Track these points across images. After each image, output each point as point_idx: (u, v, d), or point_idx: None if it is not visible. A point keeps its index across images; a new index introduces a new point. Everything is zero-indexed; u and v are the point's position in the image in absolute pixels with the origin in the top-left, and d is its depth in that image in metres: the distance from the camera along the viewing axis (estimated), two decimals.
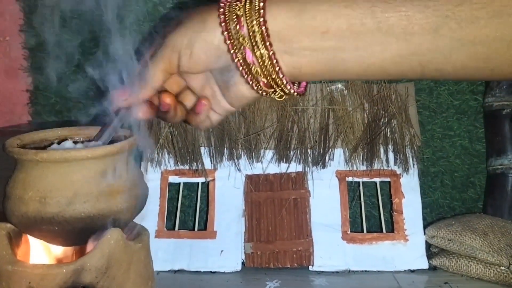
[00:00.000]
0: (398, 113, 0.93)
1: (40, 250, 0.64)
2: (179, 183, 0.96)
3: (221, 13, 0.44)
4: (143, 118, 0.50)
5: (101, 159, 0.59)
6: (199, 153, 0.93)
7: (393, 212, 0.91)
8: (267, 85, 0.45)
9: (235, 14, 0.44)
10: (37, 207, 0.57)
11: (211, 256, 0.89)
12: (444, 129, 0.98)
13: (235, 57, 0.44)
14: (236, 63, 0.45)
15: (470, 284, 0.83)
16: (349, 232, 0.90)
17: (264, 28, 0.43)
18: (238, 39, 0.44)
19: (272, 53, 0.44)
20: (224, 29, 0.44)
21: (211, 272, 0.88)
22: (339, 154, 0.93)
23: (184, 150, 0.93)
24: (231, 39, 0.44)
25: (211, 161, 0.94)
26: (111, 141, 0.60)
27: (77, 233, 0.59)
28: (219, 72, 0.48)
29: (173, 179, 0.95)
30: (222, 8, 0.44)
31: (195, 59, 0.46)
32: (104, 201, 0.59)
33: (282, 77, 0.45)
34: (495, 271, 0.83)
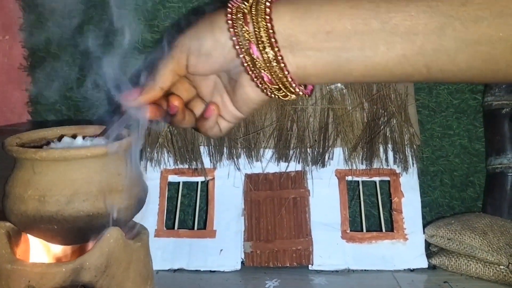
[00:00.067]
0: (397, 112, 0.93)
1: (39, 248, 0.64)
2: (179, 182, 0.96)
3: (229, 12, 0.45)
4: (150, 119, 0.50)
5: (101, 157, 0.59)
6: (198, 152, 0.93)
7: (393, 211, 0.91)
8: (271, 81, 0.45)
9: (241, 13, 0.44)
10: (37, 206, 0.57)
11: (210, 255, 0.89)
12: (443, 128, 0.98)
13: (240, 53, 0.45)
14: (242, 59, 0.45)
15: (470, 283, 0.83)
16: (348, 231, 0.90)
17: (270, 25, 0.44)
18: (244, 35, 0.44)
19: (277, 49, 0.44)
20: (231, 26, 0.45)
21: (210, 271, 0.88)
22: (338, 153, 0.93)
23: (184, 149, 0.93)
24: (237, 35, 0.44)
25: (210, 160, 0.94)
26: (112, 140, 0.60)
27: (76, 231, 0.59)
28: (226, 75, 0.49)
29: (172, 178, 0.95)
30: (230, 8, 0.45)
31: (202, 59, 0.47)
32: (103, 200, 0.59)
33: (288, 74, 0.45)
34: (494, 270, 0.83)
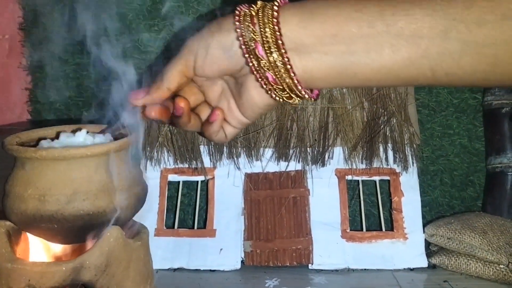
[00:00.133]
0: (397, 111, 0.93)
1: (39, 247, 0.64)
2: (179, 182, 0.96)
3: (236, 14, 0.46)
4: (156, 119, 0.50)
5: (100, 156, 0.59)
6: (198, 151, 0.93)
7: (393, 211, 0.91)
8: (275, 81, 0.46)
9: (249, 16, 0.45)
10: (37, 205, 0.57)
11: (210, 255, 0.89)
12: (443, 127, 0.98)
13: (246, 52, 0.45)
14: (247, 59, 0.45)
15: (470, 282, 0.83)
16: (348, 230, 0.90)
17: (277, 28, 0.44)
18: (250, 36, 0.45)
19: (284, 51, 0.44)
20: (238, 26, 0.45)
21: (210, 271, 0.88)
22: (338, 152, 0.93)
23: (184, 148, 0.93)
24: (243, 35, 0.45)
25: (210, 159, 0.94)
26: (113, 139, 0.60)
27: (76, 231, 0.59)
28: (233, 79, 0.49)
29: (172, 177, 0.95)
30: (238, 11, 0.46)
31: (209, 60, 0.47)
32: (103, 199, 0.59)
33: (294, 76, 0.45)
34: (494, 270, 0.83)
